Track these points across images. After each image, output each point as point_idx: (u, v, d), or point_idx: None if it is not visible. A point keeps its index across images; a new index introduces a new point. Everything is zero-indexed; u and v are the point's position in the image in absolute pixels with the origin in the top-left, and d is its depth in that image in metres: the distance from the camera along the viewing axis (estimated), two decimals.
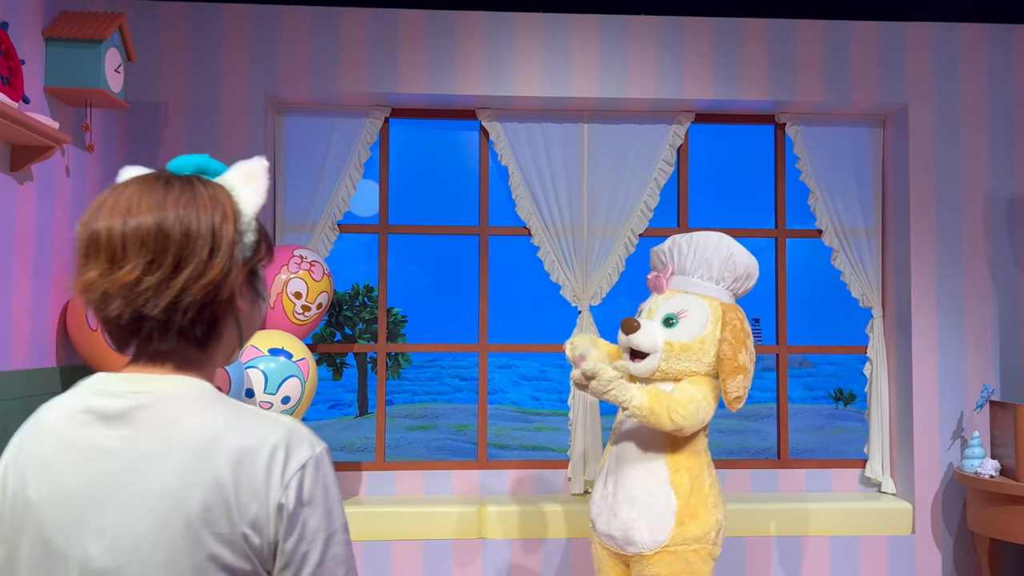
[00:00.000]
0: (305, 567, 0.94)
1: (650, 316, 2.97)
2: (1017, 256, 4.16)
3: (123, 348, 1.01)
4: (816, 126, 4.35)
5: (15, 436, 1.02)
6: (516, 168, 4.22)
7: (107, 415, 0.96)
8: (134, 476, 0.93)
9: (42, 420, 1.00)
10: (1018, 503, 3.53)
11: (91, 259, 0.97)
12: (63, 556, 0.93)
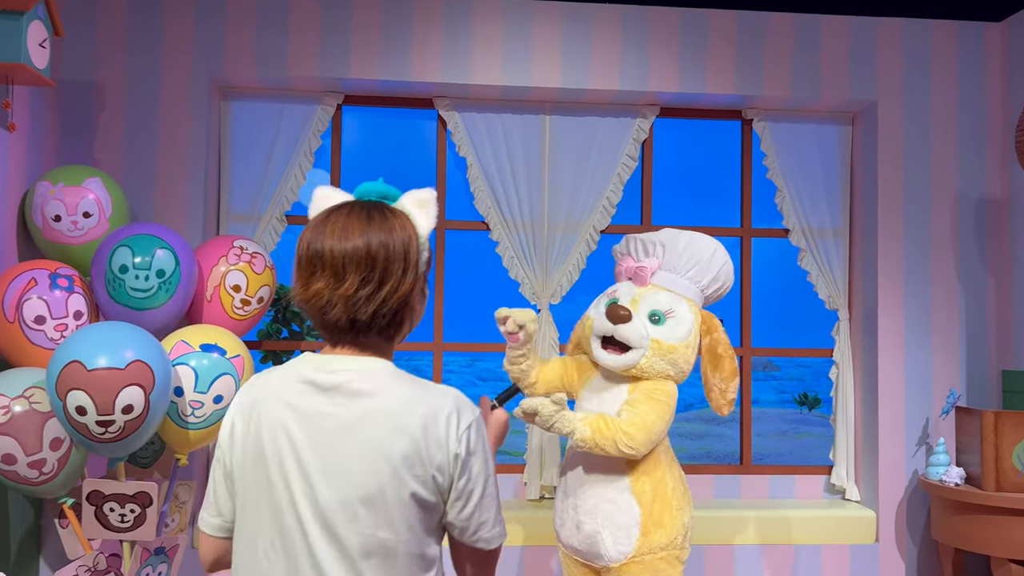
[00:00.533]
0: (471, 501, 1.27)
1: (634, 306, 2.80)
2: (985, 259, 4.07)
3: (335, 342, 1.30)
4: (784, 123, 4.23)
5: (238, 403, 1.30)
6: (475, 160, 4.05)
7: (324, 387, 1.25)
8: (348, 432, 1.22)
9: (269, 390, 1.28)
10: (983, 512, 3.42)
11: (317, 274, 1.26)
12: (291, 495, 1.21)
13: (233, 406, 1.33)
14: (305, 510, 1.22)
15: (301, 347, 4.27)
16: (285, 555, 1.22)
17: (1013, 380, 3.97)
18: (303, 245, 1.29)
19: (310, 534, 1.21)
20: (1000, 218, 4.08)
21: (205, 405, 2.97)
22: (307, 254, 1.27)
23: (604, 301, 2.91)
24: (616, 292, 2.90)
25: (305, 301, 1.28)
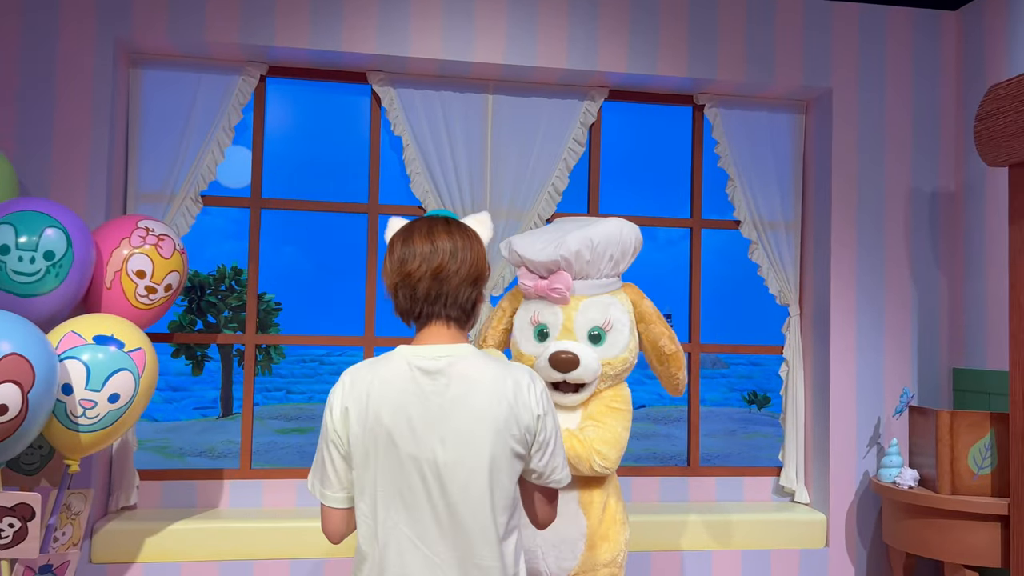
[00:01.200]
0: (548, 450, 1.59)
1: (569, 334, 2.62)
2: (938, 255, 3.97)
3: (426, 334, 1.59)
4: (737, 109, 4.05)
5: (349, 391, 1.55)
6: (411, 139, 3.76)
7: (429, 371, 1.53)
8: (456, 405, 1.52)
9: (380, 377, 1.54)
10: (937, 516, 3.30)
11: (409, 262, 1.57)
12: (414, 458, 1.51)
13: (340, 394, 1.57)
14: (427, 470, 1.51)
15: (217, 340, 3.92)
16: (406, 507, 1.52)
17: (964, 379, 3.88)
18: (396, 245, 1.60)
19: (432, 491, 1.51)
20: (953, 213, 3.98)
21: (99, 404, 2.62)
22: (399, 254, 1.59)
23: (531, 331, 2.70)
24: (539, 317, 2.68)
25: (411, 300, 1.59)
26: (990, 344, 3.71)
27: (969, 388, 3.84)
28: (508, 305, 2.90)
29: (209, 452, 18.73)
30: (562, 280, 2.62)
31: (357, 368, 1.60)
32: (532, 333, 2.70)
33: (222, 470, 3.72)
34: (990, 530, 3.20)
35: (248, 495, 3.66)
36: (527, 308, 2.76)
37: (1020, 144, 3.07)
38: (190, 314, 23.77)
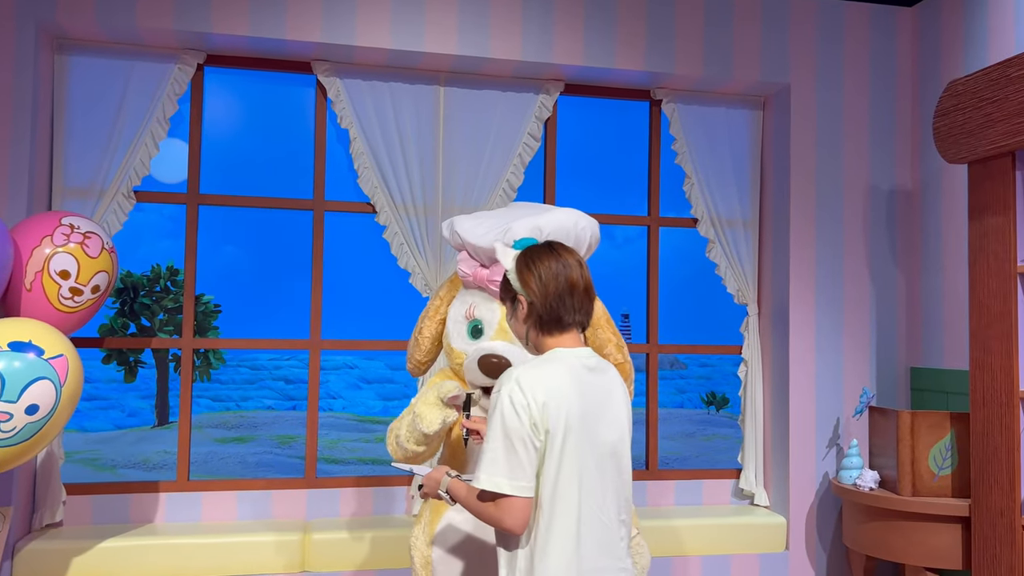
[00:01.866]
0: None
1: (505, 334, 2.43)
2: (896, 253, 3.94)
3: (568, 339, 1.88)
4: (694, 105, 3.97)
5: (544, 386, 1.75)
6: (359, 133, 3.59)
7: (592, 369, 1.85)
8: (609, 395, 1.85)
9: (563, 377, 1.78)
10: (898, 518, 3.25)
11: (578, 288, 1.88)
12: (591, 439, 1.79)
13: (532, 392, 1.73)
14: (603, 448, 1.81)
15: (152, 344, 3.70)
16: (600, 476, 1.80)
17: (922, 378, 3.85)
18: (543, 259, 1.87)
19: (607, 463, 1.81)
20: (911, 211, 3.95)
21: (15, 417, 2.41)
22: (555, 267, 1.86)
23: (464, 326, 2.51)
24: (475, 311, 2.49)
25: (586, 323, 1.93)
26: (948, 343, 3.69)
27: (927, 387, 3.81)
28: (446, 293, 2.67)
29: (143, 463, 17.93)
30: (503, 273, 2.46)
31: (528, 370, 1.78)
32: (466, 328, 2.50)
33: (157, 483, 3.51)
34: (951, 532, 3.16)
35: (186, 509, 3.45)
36: (463, 299, 2.54)
37: (979, 141, 3.04)
38: (122, 317, 22.10)
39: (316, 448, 3.60)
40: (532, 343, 1.90)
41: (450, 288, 2.67)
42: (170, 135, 3.48)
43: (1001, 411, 2.94)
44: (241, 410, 20.53)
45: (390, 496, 3.63)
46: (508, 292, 1.91)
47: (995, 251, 3.00)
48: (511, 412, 1.73)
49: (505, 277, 1.91)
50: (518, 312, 1.89)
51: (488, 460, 1.71)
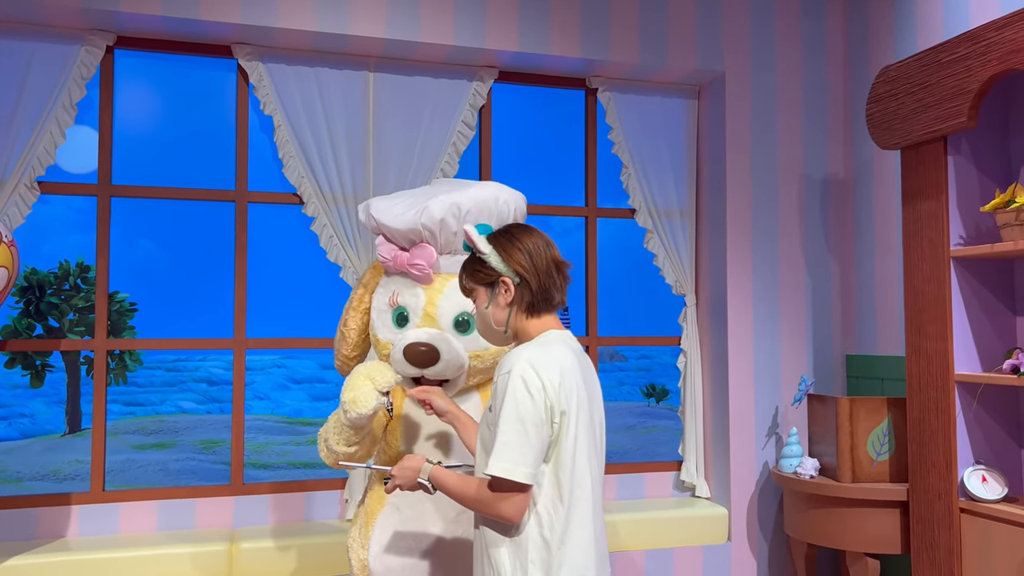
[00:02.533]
0: None
1: (431, 320, 2.29)
2: (829, 241, 3.96)
3: (552, 322, 1.87)
4: (630, 93, 3.91)
5: (559, 367, 1.73)
6: (284, 120, 3.41)
7: (580, 351, 1.86)
8: (594, 376, 1.89)
9: (561, 354, 1.76)
10: (838, 505, 3.24)
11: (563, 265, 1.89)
12: (592, 422, 1.80)
13: (550, 371, 1.70)
14: (598, 431, 1.83)
15: (61, 346, 3.45)
16: (599, 459, 1.82)
17: (857, 365, 3.88)
18: (521, 235, 1.86)
19: (600, 446, 1.84)
20: (843, 200, 3.97)
21: None
22: (539, 241, 1.85)
23: (389, 315, 2.34)
24: (398, 299, 2.33)
25: (562, 300, 1.89)
26: (881, 330, 3.71)
27: (862, 374, 3.84)
28: (369, 280, 2.50)
29: (53, 475, 16.77)
30: (424, 255, 2.27)
31: (537, 351, 1.74)
32: (390, 317, 2.33)
33: (69, 494, 3.27)
34: (890, 517, 3.17)
35: (101, 521, 3.23)
36: (387, 287, 2.38)
37: (913, 126, 3.05)
38: (27, 318, 20.16)
39: (243, 453, 3.41)
40: (514, 328, 1.84)
41: (373, 275, 2.51)
42: (78, 122, 3.24)
43: (937, 395, 2.96)
44: (160, 414, 18.74)
45: (322, 501, 3.47)
46: (482, 277, 1.83)
47: (929, 236, 3.02)
48: (525, 395, 1.68)
49: (475, 262, 1.84)
50: (498, 296, 1.82)
51: (501, 445, 1.65)
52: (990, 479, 2.85)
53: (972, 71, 2.80)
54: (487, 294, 1.84)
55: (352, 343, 2.52)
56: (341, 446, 2.22)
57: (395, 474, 1.91)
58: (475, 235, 1.85)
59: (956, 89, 2.86)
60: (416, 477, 1.87)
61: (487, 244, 1.83)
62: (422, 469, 1.86)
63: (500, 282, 1.81)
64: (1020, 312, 3.02)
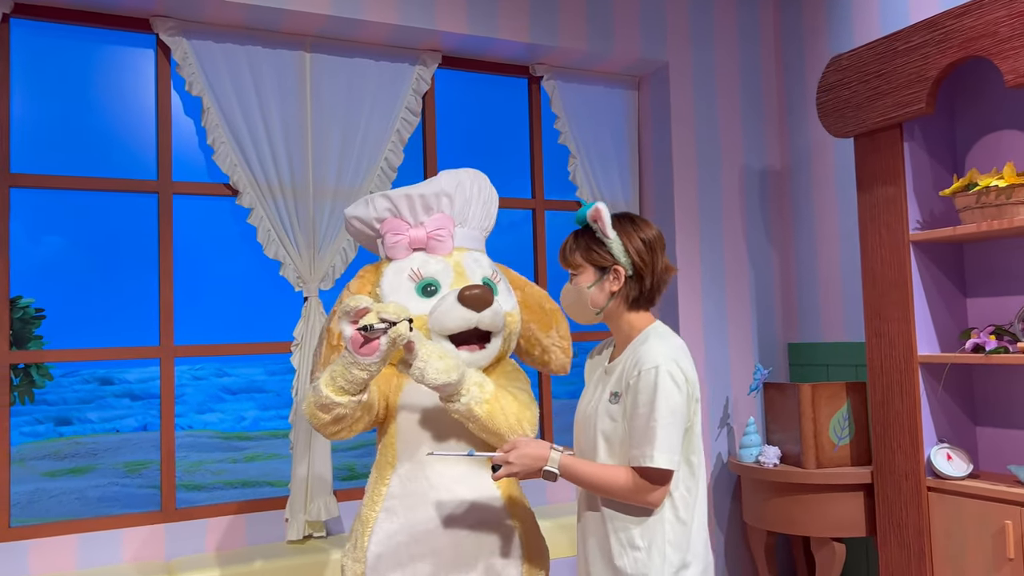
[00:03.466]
0: None
1: (464, 280, 2.17)
2: (770, 231, 4.00)
3: (652, 311, 1.93)
4: (573, 83, 3.81)
5: (687, 361, 1.82)
6: (213, 102, 3.08)
7: None
8: None
9: (686, 348, 1.87)
10: (803, 492, 3.25)
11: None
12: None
13: (685, 364, 1.80)
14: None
15: None
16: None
17: (800, 353, 3.93)
18: (636, 227, 1.87)
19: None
20: (781, 190, 4.03)
21: None
22: (656, 233, 1.89)
23: (412, 288, 2.15)
24: (422, 271, 2.16)
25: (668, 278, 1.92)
26: (825, 317, 3.78)
27: (805, 362, 3.89)
28: (371, 275, 2.26)
29: None
30: (445, 222, 2.22)
31: (669, 346, 1.80)
32: (415, 290, 2.15)
33: None
34: (854, 500, 3.20)
35: (8, 563, 2.78)
36: (398, 269, 2.19)
37: (867, 114, 3.09)
38: None
39: (174, 474, 3.04)
40: (611, 316, 1.87)
41: (365, 283, 2.25)
42: None
43: (901, 377, 3.01)
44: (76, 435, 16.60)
45: (264, 522, 3.15)
46: (596, 258, 1.84)
47: (887, 221, 3.07)
48: (674, 389, 1.74)
49: (593, 241, 1.83)
50: (606, 282, 1.83)
51: (662, 438, 1.71)
52: (955, 457, 2.92)
53: (930, 58, 2.86)
54: (595, 275, 1.84)
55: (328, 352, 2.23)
56: (332, 390, 1.89)
57: (513, 460, 1.76)
58: (606, 215, 1.81)
59: (914, 76, 2.92)
60: (540, 465, 1.77)
61: (613, 229, 1.81)
62: (549, 458, 1.78)
63: (613, 269, 1.82)
64: (970, 294, 3.12)
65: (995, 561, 2.69)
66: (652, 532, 1.76)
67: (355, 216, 2.29)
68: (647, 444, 1.71)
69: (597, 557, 1.82)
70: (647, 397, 1.72)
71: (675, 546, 1.76)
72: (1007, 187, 2.67)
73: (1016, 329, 2.84)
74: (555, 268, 3.81)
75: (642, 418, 1.73)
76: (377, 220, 2.25)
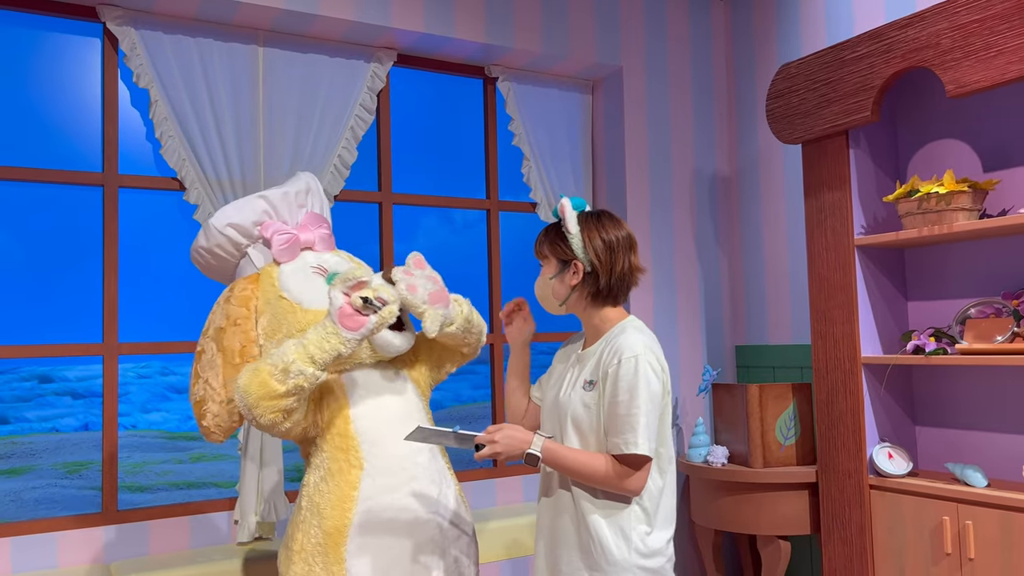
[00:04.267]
0: None
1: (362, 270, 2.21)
2: (718, 235, 4.07)
3: (620, 308, 1.97)
4: (528, 84, 3.82)
5: (660, 352, 1.89)
6: (161, 95, 3.01)
7: None
8: None
9: (657, 340, 1.93)
10: (750, 491, 3.30)
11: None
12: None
13: (660, 355, 1.87)
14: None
15: None
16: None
17: (746, 355, 4.00)
18: (607, 224, 1.93)
19: None
20: (729, 195, 4.10)
21: None
22: (628, 233, 1.96)
23: (323, 282, 2.22)
24: (325, 265, 2.28)
25: (639, 274, 1.97)
26: (772, 319, 3.85)
27: (751, 364, 3.97)
28: (254, 284, 2.27)
29: None
30: (323, 221, 2.38)
31: (644, 338, 1.86)
32: (326, 282, 2.21)
33: None
34: (799, 498, 3.27)
35: None
36: (296, 268, 2.24)
37: (815, 121, 3.17)
38: None
39: (116, 475, 2.96)
40: (579, 309, 1.93)
41: (247, 298, 2.22)
42: None
43: (845, 377, 3.08)
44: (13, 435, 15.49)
45: (210, 524, 3.08)
46: (559, 252, 1.90)
47: (833, 226, 3.15)
48: (654, 378, 1.81)
49: (559, 235, 1.89)
50: (565, 275, 1.90)
51: (643, 426, 1.75)
52: (896, 455, 3.01)
53: (875, 68, 2.95)
54: (557, 267, 1.91)
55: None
56: (300, 356, 1.88)
57: (498, 440, 1.79)
58: (570, 211, 1.88)
59: (859, 85, 3.00)
60: (524, 448, 1.81)
61: (576, 225, 1.87)
62: (533, 442, 1.82)
63: (572, 264, 1.88)
64: (911, 297, 3.22)
65: (933, 556, 2.78)
66: (618, 518, 1.81)
67: (230, 224, 2.28)
68: (628, 431, 1.75)
69: (564, 541, 1.87)
70: (627, 384, 1.77)
71: (640, 534, 1.82)
72: (946, 194, 2.77)
73: (954, 331, 2.93)
74: (508, 269, 3.81)
75: (622, 406, 1.77)
76: (255, 224, 2.28)
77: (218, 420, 2.10)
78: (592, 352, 1.91)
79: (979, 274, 3.00)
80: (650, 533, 1.84)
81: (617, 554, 1.81)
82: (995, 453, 2.92)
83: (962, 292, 3.05)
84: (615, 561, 1.81)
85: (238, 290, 2.23)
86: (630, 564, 1.81)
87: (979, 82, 2.62)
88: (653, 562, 1.84)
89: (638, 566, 1.82)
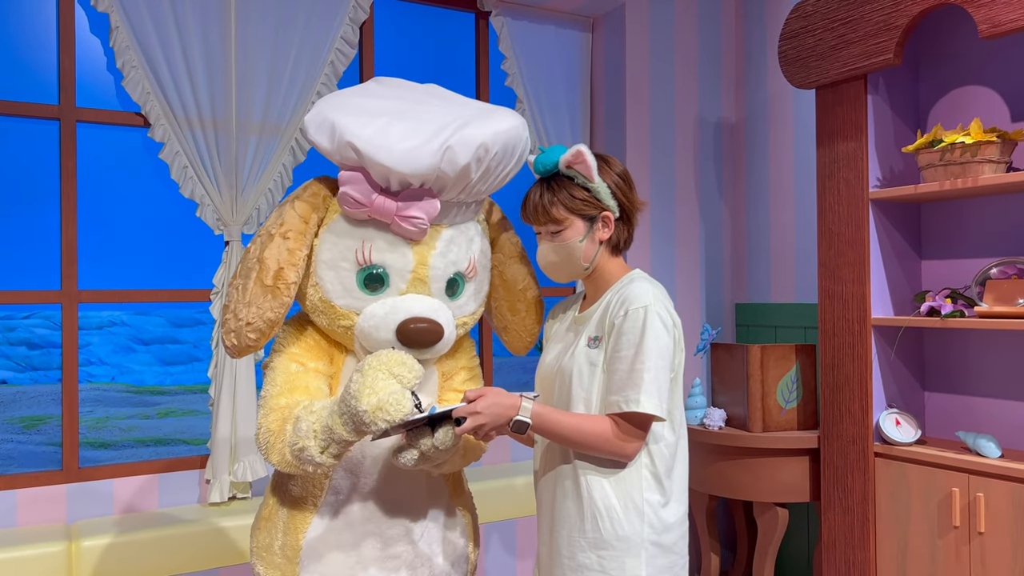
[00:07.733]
0: None
1: (421, 285, 1.74)
2: (722, 188, 3.85)
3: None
4: (523, 20, 3.57)
5: (671, 306, 1.70)
6: (122, 20, 2.76)
7: None
8: None
9: (664, 291, 1.72)
10: (748, 456, 3.16)
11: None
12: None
13: (670, 308, 1.68)
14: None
15: None
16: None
17: (747, 313, 3.83)
18: (616, 168, 1.74)
19: None
20: (735, 144, 3.88)
21: None
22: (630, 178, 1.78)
23: (353, 274, 1.73)
24: (371, 254, 1.71)
25: (639, 212, 1.79)
26: (775, 276, 3.67)
27: (752, 322, 3.80)
28: (309, 214, 1.73)
29: None
30: (427, 207, 1.69)
31: (653, 288, 1.68)
32: (355, 278, 1.73)
33: None
34: (799, 465, 3.12)
35: None
36: (349, 234, 1.72)
37: (831, 63, 2.94)
38: None
39: (77, 430, 2.78)
40: (594, 266, 1.75)
41: (311, 206, 1.74)
42: None
43: (854, 340, 2.91)
44: None
45: (179, 483, 2.92)
46: (584, 209, 1.69)
47: (846, 177, 2.94)
48: (663, 332, 1.63)
49: (577, 190, 1.68)
50: (596, 231, 1.71)
51: (648, 381, 1.57)
52: (903, 422, 2.85)
53: (901, 5, 2.71)
54: (584, 227, 1.71)
55: (283, 307, 1.71)
56: (326, 456, 1.63)
57: (481, 410, 1.54)
58: (591, 158, 1.66)
59: (882, 24, 2.76)
60: (511, 415, 1.57)
61: (598, 173, 1.68)
62: (520, 407, 1.58)
63: (602, 217, 1.71)
64: (925, 256, 3.03)
65: (940, 528, 2.64)
66: (630, 490, 1.65)
67: (323, 138, 1.70)
68: (631, 387, 1.58)
69: (565, 519, 1.70)
70: (633, 338, 1.60)
71: (653, 506, 1.65)
72: (973, 144, 2.56)
73: (972, 293, 2.75)
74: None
75: (626, 360, 1.60)
76: (351, 163, 1.68)
77: (233, 339, 1.72)
78: (596, 307, 1.72)
79: (1002, 232, 2.81)
80: (665, 505, 1.67)
81: (628, 528, 1.64)
82: (1010, 422, 2.77)
83: (981, 251, 2.86)
84: (625, 536, 1.64)
85: (311, 191, 1.77)
86: (642, 539, 1.64)
87: (1016, 21, 2.39)
88: (667, 538, 1.68)
89: (651, 542, 1.65)
